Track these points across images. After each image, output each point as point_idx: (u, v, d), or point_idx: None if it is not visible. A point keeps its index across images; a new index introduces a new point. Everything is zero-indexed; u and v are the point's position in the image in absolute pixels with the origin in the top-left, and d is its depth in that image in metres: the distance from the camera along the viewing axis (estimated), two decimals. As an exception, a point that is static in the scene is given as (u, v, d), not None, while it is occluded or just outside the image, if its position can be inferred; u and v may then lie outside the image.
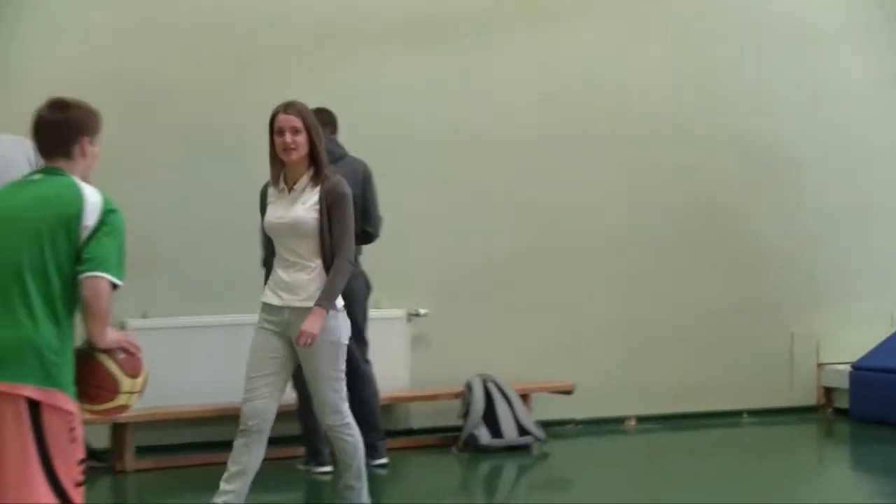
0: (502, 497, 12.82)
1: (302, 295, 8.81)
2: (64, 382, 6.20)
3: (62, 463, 6.22)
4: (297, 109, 8.90)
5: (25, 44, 13.25)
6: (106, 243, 6.31)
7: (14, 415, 6.15)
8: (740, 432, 14.88)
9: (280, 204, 8.96)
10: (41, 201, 6.37)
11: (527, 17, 14.54)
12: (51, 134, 6.50)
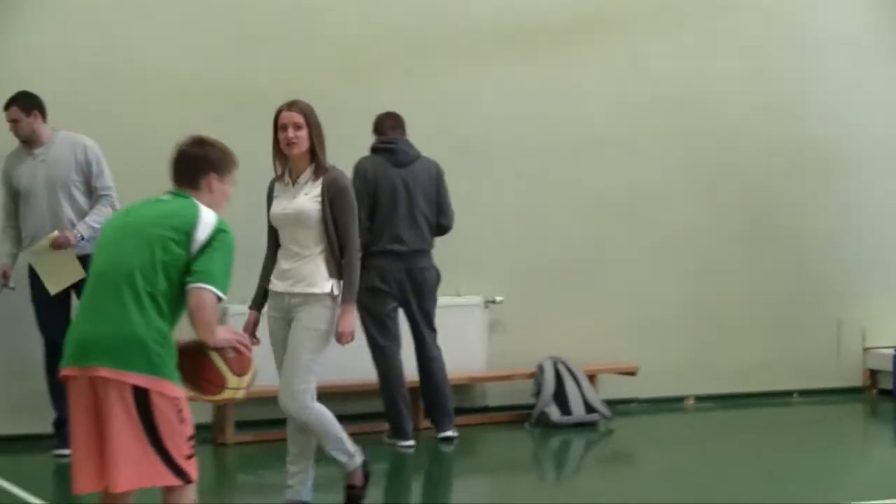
0: (571, 470, 12.87)
1: (305, 282, 8.94)
2: (168, 371, 6.53)
3: (172, 440, 6.51)
4: (299, 107, 9.07)
5: (156, 54, 13.28)
6: (215, 258, 6.67)
7: (119, 398, 6.42)
8: (791, 411, 14.93)
9: (285, 196, 9.06)
10: (162, 215, 6.75)
11: (602, 30, 14.59)
12: (183, 165, 6.92)
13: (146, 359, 6.44)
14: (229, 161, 7.15)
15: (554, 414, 13.60)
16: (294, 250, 8.97)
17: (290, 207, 8.94)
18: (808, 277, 15.38)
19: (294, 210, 8.90)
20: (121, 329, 6.48)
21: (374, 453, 12.28)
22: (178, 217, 6.76)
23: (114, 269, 6.66)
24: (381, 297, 12.47)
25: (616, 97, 14.57)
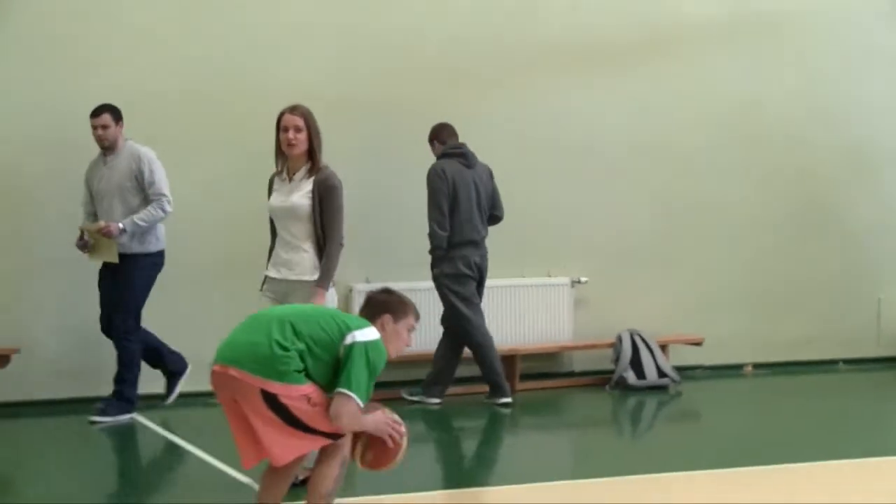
0: (645, 426, 12.91)
1: (296, 270, 8.79)
2: (291, 379, 6.56)
3: (312, 419, 6.62)
4: (301, 111, 8.89)
5: (270, 67, 13.30)
6: (358, 369, 6.60)
7: (251, 395, 6.59)
8: (837, 377, 14.92)
9: (282, 191, 8.91)
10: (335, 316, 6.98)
11: (669, 48, 14.64)
12: (367, 305, 7.09)
13: (275, 371, 6.57)
14: (403, 308, 7.15)
15: (630, 378, 13.77)
16: (287, 240, 8.88)
17: (286, 201, 8.84)
18: (851, 261, 15.38)
19: (289, 204, 8.80)
20: (256, 346, 6.67)
21: (476, 412, 12.65)
22: (349, 321, 6.88)
23: (273, 312, 7.00)
24: (467, 281, 12.56)
25: (682, 107, 14.68)
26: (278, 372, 6.59)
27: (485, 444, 11.97)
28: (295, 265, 8.79)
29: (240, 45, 13.30)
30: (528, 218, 14.10)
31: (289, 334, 6.66)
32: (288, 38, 13.50)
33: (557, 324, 14.30)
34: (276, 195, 8.94)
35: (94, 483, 9.95)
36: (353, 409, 6.60)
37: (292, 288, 8.77)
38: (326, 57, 13.59)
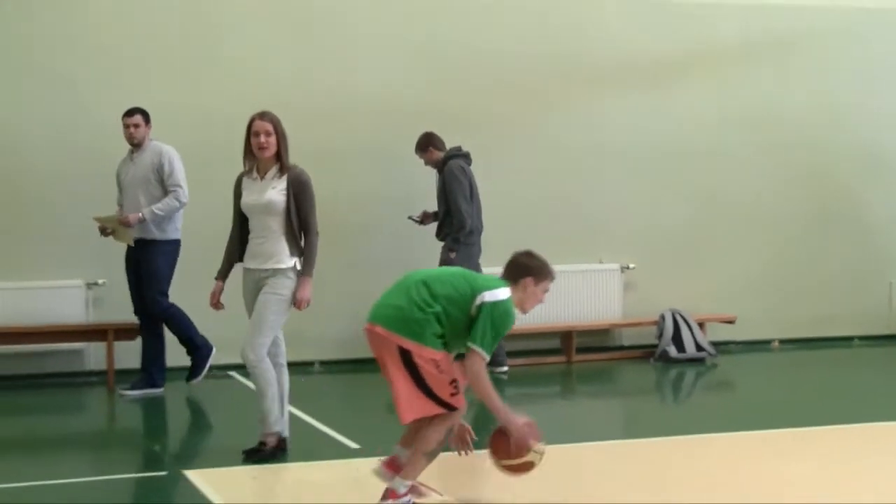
0: (685, 394, 13.02)
1: (272, 260, 8.53)
2: (426, 342, 6.66)
3: (436, 385, 6.71)
4: (269, 118, 8.53)
5: (347, 79, 13.46)
6: (485, 327, 6.67)
7: (391, 350, 6.75)
8: (853, 351, 14.92)
9: (254, 189, 8.59)
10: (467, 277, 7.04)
11: (709, 64, 14.79)
12: (510, 266, 7.07)
13: (411, 331, 6.67)
14: (545, 272, 7.21)
15: (672, 352, 13.90)
16: (262, 233, 8.55)
17: (261, 198, 8.52)
18: (865, 250, 15.35)
19: (265, 200, 8.49)
20: (400, 308, 6.77)
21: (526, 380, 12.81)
22: (478, 282, 6.95)
23: (415, 276, 6.97)
24: (478, 262, 12.46)
25: (714, 115, 14.72)
26: (415, 332, 6.70)
27: (547, 408, 11.97)
28: (271, 255, 8.53)
29: (315, 60, 13.43)
30: (581, 212, 14.31)
31: (426, 296, 6.76)
32: (356, 52, 13.57)
33: (609, 304, 14.41)
34: (248, 193, 8.65)
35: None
36: (480, 364, 6.70)
37: (269, 275, 8.53)
38: (392, 68, 13.69)
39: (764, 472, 8.58)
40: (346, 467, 8.89)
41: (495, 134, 13.89)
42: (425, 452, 6.97)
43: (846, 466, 8.77)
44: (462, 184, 12.43)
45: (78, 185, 12.58)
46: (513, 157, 13.98)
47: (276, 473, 8.58)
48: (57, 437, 10.78)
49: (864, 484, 8.16)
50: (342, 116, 12.98)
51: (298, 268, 8.61)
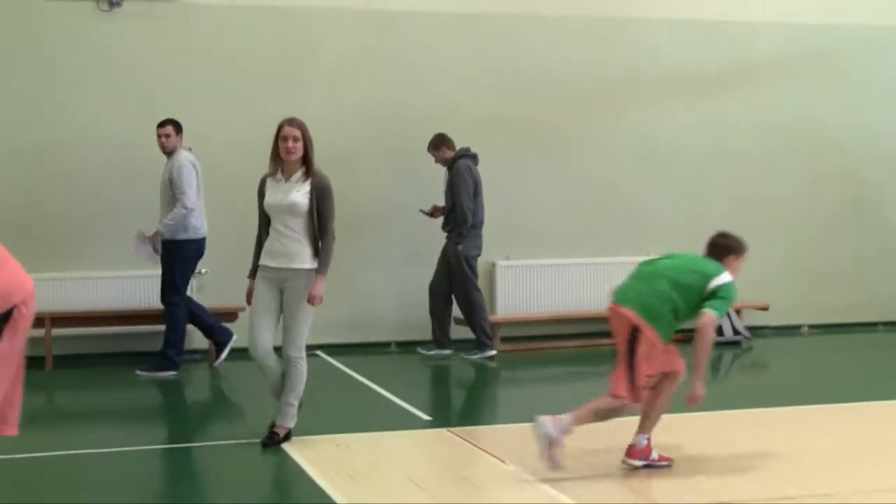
0: (723, 373, 12.66)
1: (295, 261, 8.14)
2: (656, 325, 7.16)
3: (642, 360, 7.13)
4: (297, 123, 8.15)
5: (428, 93, 13.51)
6: (721, 302, 7.32)
7: (625, 327, 7.19)
8: (876, 336, 14.71)
9: (279, 190, 8.18)
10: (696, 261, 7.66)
11: (747, 78, 14.72)
12: (713, 248, 7.78)
13: (649, 313, 7.16)
14: (740, 247, 7.85)
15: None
16: (285, 233, 8.13)
17: (285, 199, 8.12)
18: (886, 244, 15.23)
19: (289, 202, 8.08)
20: (641, 293, 7.30)
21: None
22: (707, 266, 7.53)
23: (658, 267, 7.54)
24: (477, 256, 12.55)
25: (750, 122, 14.70)
26: (652, 317, 7.17)
27: (600, 384, 12.05)
28: (294, 256, 8.14)
29: (405, 80, 13.49)
30: (631, 210, 14.35)
31: (666, 288, 7.27)
32: (440, 71, 13.63)
33: None
34: (272, 194, 8.23)
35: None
36: (712, 321, 7.28)
37: (291, 275, 8.16)
38: (471, 83, 13.75)
39: (794, 442, 8.66)
40: (418, 436, 9.05)
41: (554, 140, 13.99)
42: (659, 410, 7.58)
43: (866, 438, 8.81)
44: (467, 182, 12.46)
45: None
46: (569, 160, 14.10)
47: (357, 444, 8.64)
48: (163, 406, 11.04)
49: (883, 453, 8.23)
50: (418, 125, 13.04)
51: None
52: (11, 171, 12.48)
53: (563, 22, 14.02)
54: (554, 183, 13.90)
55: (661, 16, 14.36)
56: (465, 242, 12.41)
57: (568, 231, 14.00)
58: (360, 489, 7.31)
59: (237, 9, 13.02)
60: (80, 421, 10.24)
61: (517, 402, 11.38)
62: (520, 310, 13.78)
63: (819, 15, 14.96)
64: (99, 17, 12.60)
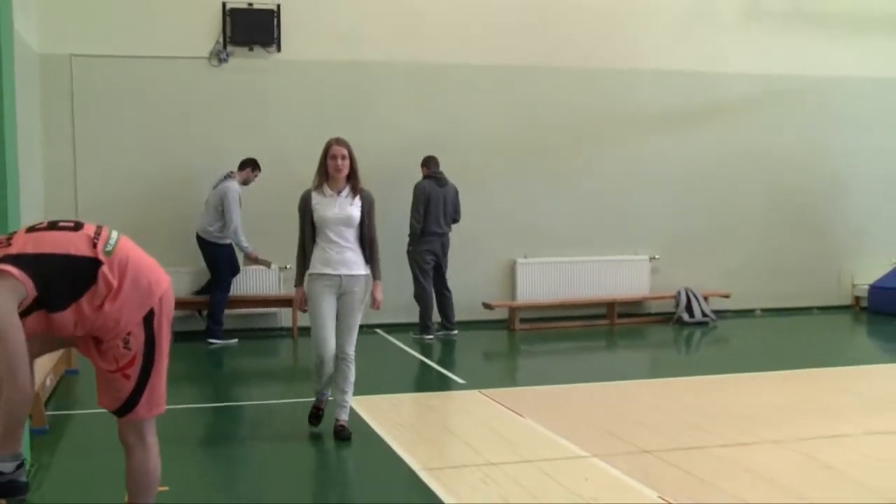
0: (694, 345, 12.47)
1: (353, 268, 7.21)
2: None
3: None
4: (344, 143, 7.39)
5: (463, 125, 13.27)
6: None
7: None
8: (813, 318, 14.43)
9: (332, 204, 7.25)
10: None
11: (719, 113, 14.40)
12: None
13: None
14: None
15: (685, 317, 13.70)
16: (340, 243, 7.19)
17: (342, 213, 7.22)
18: (823, 246, 15.01)
19: (346, 214, 7.19)
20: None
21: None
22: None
23: None
24: (429, 257, 12.04)
25: (720, 148, 14.41)
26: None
27: (596, 356, 12.08)
28: (352, 263, 7.22)
29: (444, 117, 13.39)
30: (622, 219, 14.24)
31: None
32: (472, 110, 13.53)
33: (640, 283, 14.23)
34: (325, 208, 7.28)
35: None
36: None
37: (349, 281, 7.22)
38: (500, 120, 13.63)
39: (749, 400, 8.65)
40: (454, 396, 9.01)
41: (562, 164, 13.89)
42: None
43: (805, 396, 8.89)
44: (417, 199, 12.00)
45: (266, 199, 12.66)
46: (574, 180, 14.00)
47: (406, 402, 8.68)
48: (259, 371, 11.07)
49: (818, 408, 8.30)
50: (454, 151, 12.99)
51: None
52: (139, 185, 12.52)
53: (570, 72, 13.92)
54: (562, 198, 13.81)
55: (647, 67, 14.22)
56: (415, 247, 12.13)
57: (573, 235, 13.94)
58: (406, 434, 7.41)
59: (318, 63, 13.05)
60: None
61: (533, 370, 11.46)
62: (535, 297, 13.71)
63: (775, 67, 14.79)
64: (210, 70, 12.72)
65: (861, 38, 15.13)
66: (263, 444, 7.37)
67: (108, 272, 4.08)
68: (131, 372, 4.17)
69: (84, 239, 4.12)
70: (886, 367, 10.57)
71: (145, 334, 4.18)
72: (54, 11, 12.11)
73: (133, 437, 4.34)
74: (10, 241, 4.01)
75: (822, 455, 6.61)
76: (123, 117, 12.41)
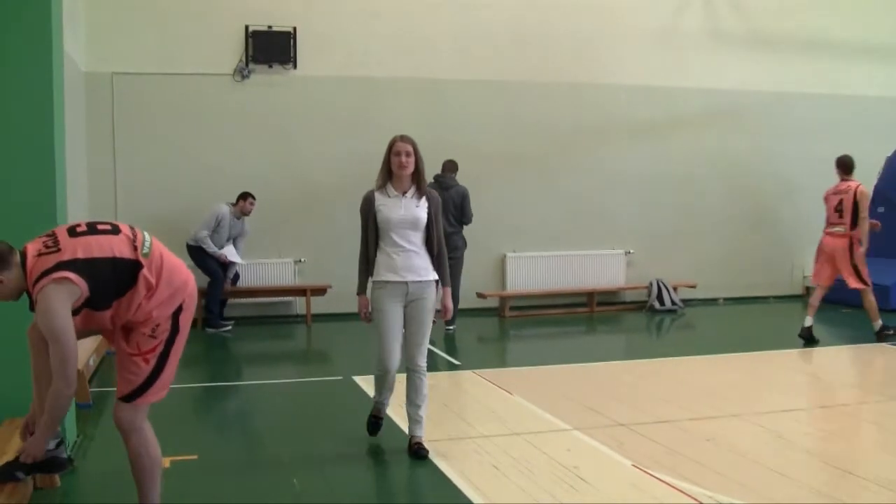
0: (664, 330, 12.37)
1: (421, 273, 5.91)
2: None
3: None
4: (409, 140, 6.07)
5: (457, 135, 13.12)
6: None
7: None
8: (769, 306, 14.39)
9: (398, 206, 5.94)
10: None
11: (682, 124, 14.36)
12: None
13: None
14: None
15: (657, 305, 13.73)
16: (406, 248, 5.90)
17: (409, 215, 5.93)
18: (778, 242, 14.97)
19: (414, 217, 5.92)
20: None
21: (565, 322, 12.92)
22: None
23: None
24: None
25: (685, 155, 14.39)
26: None
27: (576, 340, 12.01)
28: (420, 269, 5.94)
29: (442, 125, 13.27)
30: (601, 217, 14.20)
31: None
32: (467, 119, 13.47)
33: (617, 274, 14.17)
34: (390, 209, 5.95)
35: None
36: None
37: (418, 287, 5.93)
38: (491, 128, 13.58)
39: (713, 379, 8.65)
40: (451, 375, 9.02)
41: (546, 168, 13.82)
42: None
43: (762, 375, 8.91)
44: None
45: (282, 203, 12.72)
46: (557, 183, 13.94)
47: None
48: (277, 353, 11.05)
49: (773, 386, 8.30)
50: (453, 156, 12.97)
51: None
52: (171, 190, 12.53)
53: (553, 87, 13.88)
54: (547, 199, 13.75)
55: (621, 83, 14.15)
56: None
57: (556, 232, 13.89)
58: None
59: (329, 79, 13.05)
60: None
61: (521, 352, 11.40)
62: (523, 287, 13.69)
63: (733, 83, 14.76)
64: (234, 85, 12.73)
65: (808, 60, 15.16)
66: (283, 417, 7.39)
67: (148, 273, 4.08)
68: (151, 357, 4.13)
69: (125, 241, 4.10)
70: (833, 349, 10.59)
71: (171, 326, 4.16)
72: (98, 34, 12.13)
73: (128, 423, 4.19)
74: (59, 246, 3.95)
75: (776, 426, 6.62)
76: (157, 128, 12.45)
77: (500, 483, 5.42)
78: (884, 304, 13.03)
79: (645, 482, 5.39)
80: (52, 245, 3.95)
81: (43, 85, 5.51)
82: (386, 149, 6.07)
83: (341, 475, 5.71)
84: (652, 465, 5.71)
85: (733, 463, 5.78)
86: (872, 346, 10.51)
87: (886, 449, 6.26)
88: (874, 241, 11.57)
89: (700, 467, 5.68)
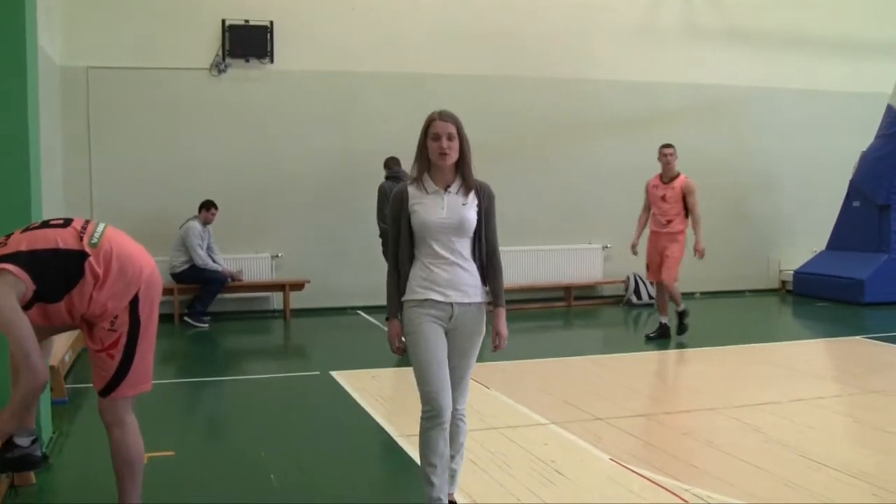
0: (641, 325, 12.40)
1: (469, 292, 4.37)
2: None
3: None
4: (452, 118, 4.64)
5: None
6: None
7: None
8: (745, 299, 14.60)
9: (438, 204, 4.39)
10: None
11: (664, 119, 14.42)
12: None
13: None
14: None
15: (634, 299, 13.92)
16: (449, 258, 4.36)
17: (455, 216, 4.36)
18: (755, 236, 15.16)
19: (459, 219, 4.35)
20: None
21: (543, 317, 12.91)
22: None
23: None
24: None
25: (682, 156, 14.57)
26: None
27: (554, 333, 12.06)
28: (467, 286, 4.39)
29: (421, 120, 13.24)
30: (579, 211, 14.27)
31: None
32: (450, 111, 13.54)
33: (594, 269, 14.29)
34: (429, 209, 4.39)
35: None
36: None
37: (464, 311, 4.39)
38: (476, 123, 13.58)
39: (690, 373, 8.70)
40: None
41: (530, 162, 13.92)
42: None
43: (737, 369, 8.97)
44: (380, 200, 11.24)
45: (258, 197, 12.70)
46: (538, 176, 14.05)
47: (386, 375, 8.61)
48: (254, 349, 11.03)
49: (750, 379, 8.35)
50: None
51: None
52: (148, 185, 12.51)
53: (532, 81, 13.94)
54: (526, 194, 13.75)
55: (603, 78, 14.24)
56: (386, 247, 11.75)
57: (534, 227, 13.89)
58: (388, 406, 7.36)
59: (306, 73, 13.06)
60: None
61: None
62: (505, 281, 13.71)
63: (711, 78, 14.84)
64: (211, 80, 12.72)
65: (785, 55, 15.27)
66: (260, 412, 7.38)
67: (95, 263, 4.04)
68: (115, 352, 4.09)
69: (71, 233, 4.08)
70: (808, 342, 10.69)
71: (130, 317, 4.11)
72: (74, 28, 12.08)
73: (111, 416, 4.18)
74: (7, 242, 3.98)
75: (751, 420, 6.66)
76: (134, 122, 12.42)
77: (477, 477, 5.42)
78: (858, 299, 13.14)
79: (622, 476, 5.40)
80: (3, 242, 3.99)
81: (17, 79, 5.42)
82: (421, 131, 4.56)
83: (319, 471, 5.70)
84: (629, 458, 5.72)
85: (710, 456, 5.81)
86: (848, 340, 10.60)
87: (861, 441, 6.29)
88: (849, 236, 11.64)
89: (677, 461, 5.71)
